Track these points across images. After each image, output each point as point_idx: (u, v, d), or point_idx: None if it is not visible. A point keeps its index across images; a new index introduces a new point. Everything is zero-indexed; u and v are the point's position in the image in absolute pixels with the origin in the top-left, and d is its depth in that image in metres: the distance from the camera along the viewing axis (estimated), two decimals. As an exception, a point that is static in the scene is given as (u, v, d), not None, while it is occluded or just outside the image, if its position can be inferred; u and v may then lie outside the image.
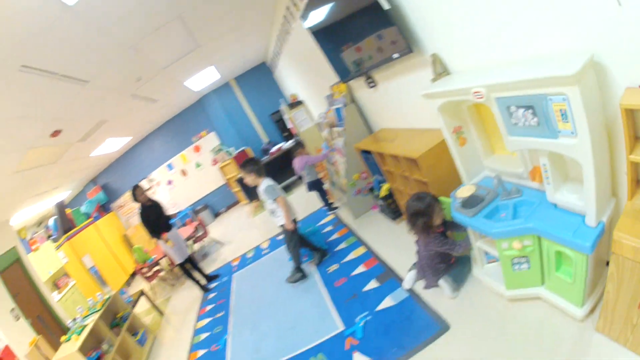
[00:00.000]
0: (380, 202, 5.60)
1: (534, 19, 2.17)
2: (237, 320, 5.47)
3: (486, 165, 3.08)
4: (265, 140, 12.95)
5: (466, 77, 2.83)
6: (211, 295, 6.85)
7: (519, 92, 2.13)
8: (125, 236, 13.03)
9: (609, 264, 2.13)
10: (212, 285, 7.20)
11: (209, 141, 13.04)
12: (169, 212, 7.29)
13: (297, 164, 7.01)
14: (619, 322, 2.27)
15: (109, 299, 6.39)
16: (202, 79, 10.01)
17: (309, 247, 5.51)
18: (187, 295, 7.76)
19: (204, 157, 13.17)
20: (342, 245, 5.64)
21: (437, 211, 3.37)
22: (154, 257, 9.05)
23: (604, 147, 2.06)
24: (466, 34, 2.79)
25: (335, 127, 6.40)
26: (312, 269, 5.43)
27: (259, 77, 12.56)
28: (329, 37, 5.10)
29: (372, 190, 5.86)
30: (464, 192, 3.08)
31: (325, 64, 5.55)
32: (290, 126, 10.90)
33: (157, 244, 7.36)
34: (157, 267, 9.02)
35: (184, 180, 13.49)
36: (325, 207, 7.44)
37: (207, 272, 7.69)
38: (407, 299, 3.73)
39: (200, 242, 10.36)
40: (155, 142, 13.16)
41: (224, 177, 12.76)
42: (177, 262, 7.02)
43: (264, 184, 5.11)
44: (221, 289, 6.71)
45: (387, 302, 3.87)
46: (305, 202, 8.36)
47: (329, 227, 6.60)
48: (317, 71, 6.34)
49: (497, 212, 2.82)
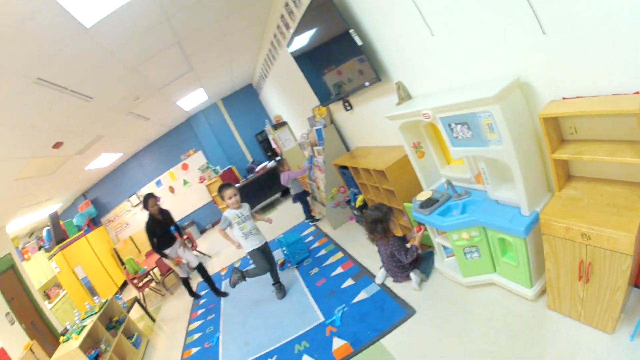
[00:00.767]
0: (356, 213, 6.15)
1: (470, 52, 2.76)
2: (228, 319, 5.92)
3: (442, 173, 3.64)
4: (250, 159, 13.43)
5: (421, 101, 3.41)
6: (202, 300, 7.26)
7: (456, 112, 2.71)
8: (114, 250, 13.33)
9: (543, 245, 2.55)
10: (201, 292, 7.51)
11: (197, 159, 13.45)
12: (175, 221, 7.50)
13: (282, 178, 7.56)
14: (566, 297, 2.64)
15: (106, 302, 6.72)
16: (192, 99, 10.53)
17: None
18: (177, 303, 8.13)
19: (192, 175, 13.57)
20: (322, 252, 6.13)
21: (392, 218, 4.01)
22: (144, 268, 9.42)
23: (531, 150, 2.58)
24: (421, 66, 3.41)
25: (316, 146, 6.97)
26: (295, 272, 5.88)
27: (245, 99, 13.12)
28: (311, 61, 5.66)
29: (349, 202, 6.39)
30: (422, 196, 3.63)
31: (307, 87, 6.11)
32: (274, 146, 11.38)
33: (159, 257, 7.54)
34: (148, 278, 9.44)
35: (172, 197, 13.83)
36: (307, 220, 7.95)
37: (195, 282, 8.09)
38: (378, 292, 4.26)
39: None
40: (145, 159, 13.54)
41: (210, 194, 13.13)
42: (181, 276, 7.36)
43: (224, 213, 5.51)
44: (212, 295, 7.09)
45: (361, 295, 4.39)
46: (289, 216, 8.86)
47: (310, 237, 7.09)
48: (300, 94, 6.89)
49: (449, 210, 3.36)
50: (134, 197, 13.89)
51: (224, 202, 5.45)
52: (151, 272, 9.44)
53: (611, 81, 2.05)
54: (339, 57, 4.71)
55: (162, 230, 6.99)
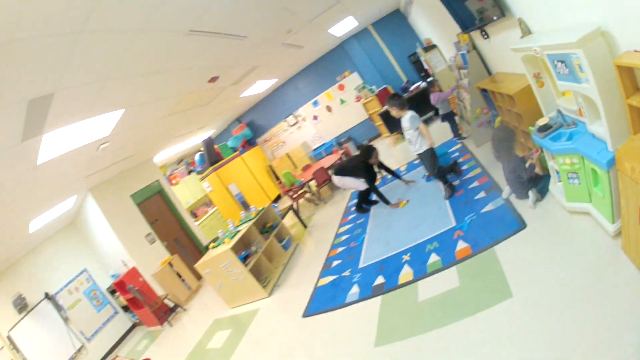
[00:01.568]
0: (494, 133, 6.60)
1: (569, 3, 3.13)
2: (375, 223, 6.96)
3: (557, 103, 4.01)
4: (404, 79, 13.81)
5: (537, 37, 3.79)
6: (354, 207, 8.23)
7: (557, 51, 3.10)
8: (269, 167, 15.02)
9: (619, 181, 2.85)
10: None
11: (352, 80, 14.20)
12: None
13: (432, 98, 8.16)
14: (633, 241, 2.83)
15: (263, 209, 8.02)
16: (343, 27, 11.10)
17: (443, 179, 6.28)
18: (330, 211, 9.38)
19: (348, 95, 14.40)
20: (465, 166, 6.76)
21: (515, 139, 4.56)
22: (301, 180, 10.66)
23: (614, 93, 2.84)
24: (538, 5, 3.75)
25: (462, 69, 7.39)
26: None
27: (395, 23, 13.37)
28: None
29: (489, 123, 6.82)
30: (541, 121, 4.05)
31: (448, 15, 6.49)
32: (426, 67, 11.72)
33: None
34: (304, 189, 10.65)
35: (329, 115, 14.94)
36: (455, 138, 8.51)
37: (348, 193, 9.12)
38: (502, 206, 4.89)
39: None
40: (300, 83, 14.67)
41: (367, 112, 13.94)
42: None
43: (408, 115, 6.06)
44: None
45: (489, 207, 5.07)
46: (439, 133, 9.41)
47: (457, 153, 7.76)
48: (444, 20, 7.25)
49: (559, 137, 3.76)
50: (290, 117, 15.19)
51: (394, 109, 6.20)
52: (307, 184, 10.53)
53: None
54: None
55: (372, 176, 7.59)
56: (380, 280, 5.00)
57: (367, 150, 7.38)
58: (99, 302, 9.37)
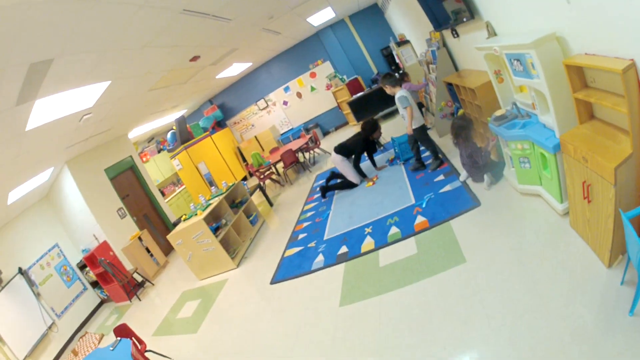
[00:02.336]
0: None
1: (530, 8, 3.61)
2: (340, 200, 7.48)
3: (515, 98, 4.51)
4: (375, 71, 14.37)
5: (501, 38, 4.28)
6: (318, 186, 8.68)
7: (513, 50, 3.59)
8: (238, 148, 15.47)
9: (564, 162, 3.34)
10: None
11: (324, 69, 14.69)
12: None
13: (404, 87, 8.55)
14: (578, 216, 3.26)
15: (233, 185, 8.45)
16: (321, 16, 11.55)
17: (433, 152, 6.77)
18: (296, 191, 9.85)
19: (319, 83, 14.90)
20: (427, 153, 7.18)
21: (473, 127, 5.15)
22: (269, 161, 11.09)
23: (563, 88, 3.26)
24: (501, 12, 4.24)
25: (431, 64, 7.89)
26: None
27: (371, 17, 13.86)
28: None
29: (452, 115, 7.34)
30: (498, 113, 4.57)
31: (423, 14, 6.95)
32: (397, 61, 12.21)
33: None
34: (271, 170, 11.11)
35: (298, 101, 15.42)
36: None
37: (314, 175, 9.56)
38: (459, 187, 5.45)
39: (311, 152, 12.35)
40: (273, 68, 15.03)
41: (336, 100, 14.40)
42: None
43: (399, 94, 6.46)
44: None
45: (446, 188, 5.65)
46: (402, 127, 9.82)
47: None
48: (419, 19, 7.72)
49: (514, 126, 4.27)
50: (261, 101, 15.57)
51: (387, 87, 6.66)
52: (273, 166, 11.00)
53: (618, 46, 2.60)
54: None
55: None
56: (344, 249, 5.48)
57: (374, 124, 7.75)
58: (69, 277, 9.40)
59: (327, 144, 13.14)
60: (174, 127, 13.85)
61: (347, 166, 7.78)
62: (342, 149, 7.85)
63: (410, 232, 4.99)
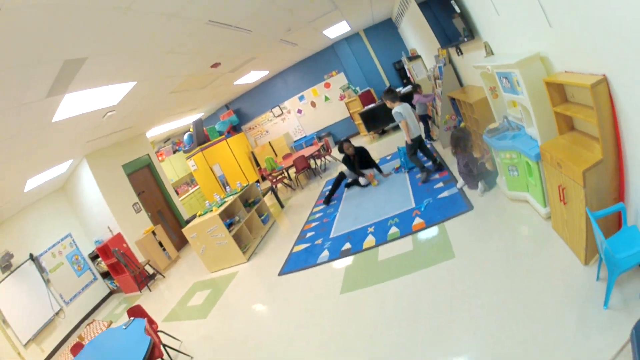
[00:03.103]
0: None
1: (519, 31, 4.07)
2: (347, 203, 7.97)
3: (507, 112, 4.96)
4: (387, 84, 14.83)
5: (496, 58, 4.75)
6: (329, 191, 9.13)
7: (501, 69, 4.06)
8: (252, 153, 15.99)
9: (544, 168, 3.81)
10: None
11: (338, 80, 15.16)
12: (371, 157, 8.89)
13: (414, 99, 9.28)
14: (558, 218, 3.62)
15: (247, 185, 8.96)
16: (337, 30, 12.04)
17: (429, 157, 7.46)
18: (307, 194, 10.31)
19: (333, 93, 15.37)
20: (430, 163, 7.61)
21: (471, 139, 5.58)
22: (281, 166, 11.63)
23: (544, 102, 3.65)
24: (500, 33, 4.70)
25: (438, 79, 8.37)
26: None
27: (385, 31, 14.39)
28: (432, 12, 6.90)
29: (455, 127, 7.79)
30: (491, 126, 5.03)
31: (431, 32, 7.45)
32: (408, 75, 12.71)
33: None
34: (283, 175, 11.61)
35: (312, 110, 15.91)
36: (426, 139, 9.49)
37: (324, 181, 10.09)
38: (456, 193, 5.91)
39: (322, 159, 12.88)
40: (289, 77, 15.56)
41: (348, 110, 14.82)
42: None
43: (395, 109, 7.15)
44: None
45: (444, 194, 6.11)
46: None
47: None
48: (428, 35, 8.20)
49: (504, 138, 4.72)
50: (276, 109, 16.09)
51: (387, 101, 7.36)
52: (285, 171, 11.52)
53: (593, 63, 2.92)
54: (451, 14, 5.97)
55: (359, 160, 8.63)
56: (347, 246, 5.95)
57: (341, 145, 8.66)
58: (79, 267, 9.78)
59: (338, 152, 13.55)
60: (191, 129, 14.35)
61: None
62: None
63: (408, 232, 5.46)
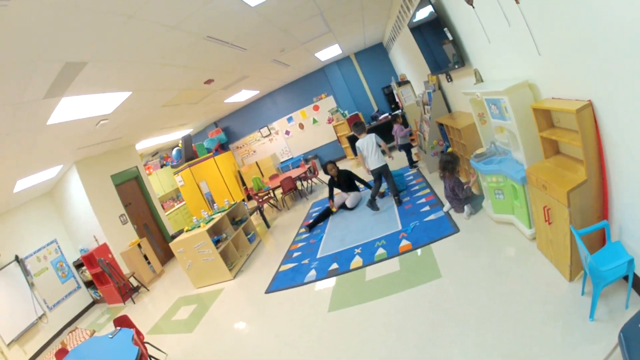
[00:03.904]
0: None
1: (508, 59, 4.22)
2: (333, 225, 7.98)
3: (495, 137, 5.09)
4: (375, 108, 15.05)
5: (486, 85, 4.89)
6: (315, 213, 9.28)
7: (490, 96, 4.19)
8: (238, 172, 16.01)
9: (529, 190, 3.93)
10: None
11: (327, 103, 15.37)
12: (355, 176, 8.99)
13: (393, 129, 9.54)
14: (543, 238, 3.74)
15: (235, 203, 8.97)
16: (328, 52, 12.26)
17: (392, 190, 7.65)
18: (293, 216, 10.34)
19: (321, 116, 15.55)
20: (416, 187, 7.92)
21: (459, 163, 5.71)
22: (268, 186, 11.65)
23: (531, 127, 3.78)
24: (490, 60, 4.85)
25: (427, 105, 8.53)
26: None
27: (376, 55, 14.70)
28: (423, 38, 7.07)
29: (442, 152, 7.93)
30: (478, 151, 5.16)
31: (422, 58, 7.62)
32: (397, 100, 12.85)
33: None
34: (270, 195, 11.68)
35: (300, 132, 16.06)
36: (409, 165, 9.78)
37: (310, 203, 10.15)
38: (442, 216, 5.99)
39: (309, 181, 12.97)
40: (279, 97, 15.76)
41: (336, 134, 14.99)
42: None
43: (357, 143, 7.60)
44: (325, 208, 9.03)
45: (431, 217, 6.20)
46: (400, 160, 10.57)
47: (411, 177, 9.02)
48: (419, 61, 8.39)
49: (491, 162, 4.84)
50: (264, 129, 16.20)
51: (329, 172, 7.90)
52: (272, 191, 11.57)
53: (579, 89, 3.05)
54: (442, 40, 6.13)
55: (344, 181, 8.77)
56: (334, 266, 5.97)
57: (324, 166, 8.86)
58: (64, 274, 9.68)
59: (325, 175, 13.63)
60: (180, 145, 14.40)
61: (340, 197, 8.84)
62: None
63: (395, 253, 5.51)
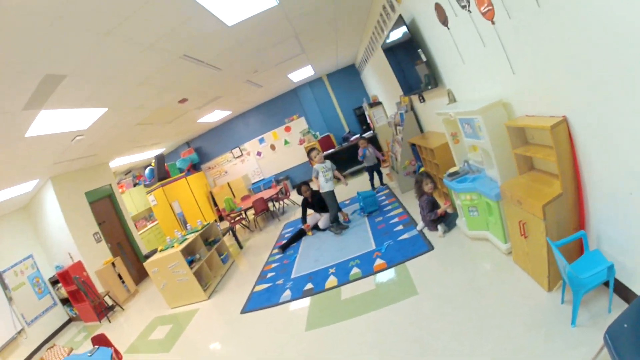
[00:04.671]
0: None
1: (482, 79, 4.31)
2: (306, 246, 7.94)
3: (468, 156, 5.17)
4: (347, 129, 15.16)
5: (459, 105, 4.99)
6: (288, 234, 9.25)
7: (464, 116, 4.28)
8: (210, 192, 15.90)
9: (504, 207, 4.02)
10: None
11: (299, 124, 15.43)
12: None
13: (359, 150, 9.68)
14: (520, 252, 3.82)
15: (208, 224, 8.91)
16: (301, 73, 12.38)
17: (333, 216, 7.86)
18: (264, 237, 10.31)
19: (293, 137, 15.57)
20: (389, 207, 7.95)
21: (426, 182, 5.82)
22: (240, 207, 11.64)
23: (505, 145, 3.87)
24: (464, 81, 4.96)
25: (399, 126, 8.63)
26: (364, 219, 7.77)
27: (348, 76, 14.92)
28: (396, 60, 7.20)
29: (415, 172, 8.02)
30: (452, 169, 5.24)
31: (395, 80, 7.74)
32: (369, 121, 13.02)
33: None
34: (242, 216, 11.59)
35: (272, 153, 16.06)
36: (376, 186, 10.05)
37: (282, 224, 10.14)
38: (416, 235, 6.01)
39: (281, 202, 12.93)
40: (251, 118, 15.77)
41: (307, 155, 14.86)
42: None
43: (314, 166, 7.74)
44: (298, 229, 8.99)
45: (404, 235, 6.21)
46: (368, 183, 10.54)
47: (383, 197, 9.05)
48: (391, 82, 8.53)
49: (465, 180, 4.91)
50: (236, 150, 16.17)
51: (312, 160, 7.70)
52: (244, 212, 11.55)
53: (553, 106, 3.16)
54: (415, 61, 6.24)
55: (317, 202, 8.68)
56: (309, 286, 5.93)
57: (299, 187, 8.82)
58: (40, 290, 9.43)
59: (297, 196, 13.59)
60: (153, 164, 14.23)
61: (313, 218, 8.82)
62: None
63: (369, 272, 5.51)
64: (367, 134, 13.31)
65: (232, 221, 11.25)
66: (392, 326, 4.11)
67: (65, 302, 9.79)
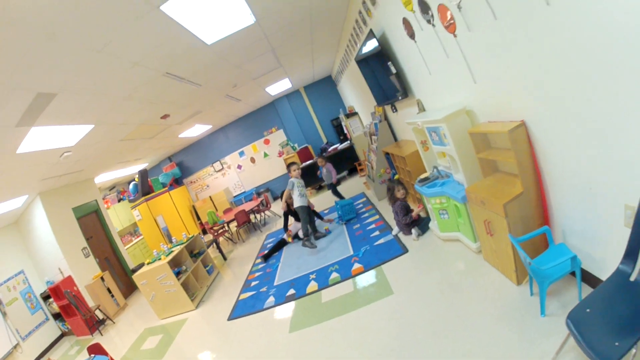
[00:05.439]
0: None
1: (448, 88, 4.61)
2: (288, 255, 8.18)
3: (437, 162, 5.45)
4: (325, 140, 15.47)
5: (427, 114, 5.27)
6: (270, 244, 9.48)
7: (430, 124, 4.56)
8: (193, 206, 16.00)
9: (470, 208, 4.31)
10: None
11: (278, 136, 15.69)
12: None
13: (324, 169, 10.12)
14: (488, 249, 4.10)
15: (193, 236, 9.11)
16: (278, 87, 12.67)
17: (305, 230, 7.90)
18: (247, 248, 10.50)
19: (272, 149, 15.83)
20: (366, 215, 8.21)
21: (398, 189, 6.12)
22: (223, 220, 11.80)
23: (469, 150, 4.15)
24: (428, 91, 5.25)
25: (373, 135, 8.92)
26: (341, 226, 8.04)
27: (324, 88, 15.23)
28: (370, 71, 7.49)
29: (390, 180, 8.28)
30: (422, 176, 5.53)
31: (368, 91, 8.04)
32: (346, 131, 13.34)
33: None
34: (225, 228, 11.79)
35: (252, 166, 16.28)
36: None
37: (264, 235, 10.31)
38: (392, 240, 6.28)
39: (262, 214, 13.16)
40: (230, 132, 15.96)
41: (287, 167, 15.11)
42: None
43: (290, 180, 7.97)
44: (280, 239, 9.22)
45: (380, 240, 6.47)
46: (349, 190, 10.99)
47: (361, 205, 9.30)
48: (366, 92, 8.83)
49: (435, 185, 5.19)
50: (217, 163, 16.34)
51: (290, 173, 7.97)
52: (227, 224, 11.76)
53: (512, 111, 3.42)
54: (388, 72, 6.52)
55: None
56: (292, 291, 6.15)
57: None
58: (32, 305, 9.44)
59: (277, 207, 13.83)
60: (136, 179, 14.33)
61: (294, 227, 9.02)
62: None
63: (348, 276, 5.76)
64: (344, 144, 13.61)
65: (216, 234, 11.41)
66: (370, 324, 4.35)
67: (57, 317, 9.82)
